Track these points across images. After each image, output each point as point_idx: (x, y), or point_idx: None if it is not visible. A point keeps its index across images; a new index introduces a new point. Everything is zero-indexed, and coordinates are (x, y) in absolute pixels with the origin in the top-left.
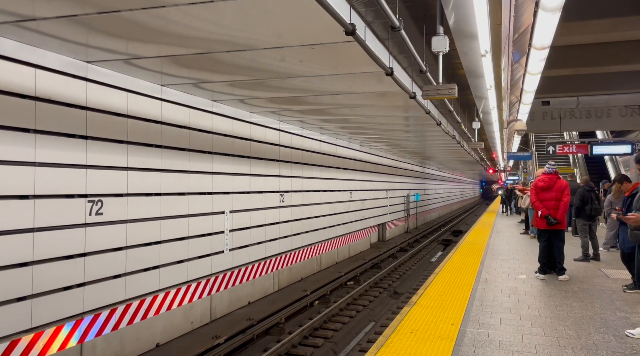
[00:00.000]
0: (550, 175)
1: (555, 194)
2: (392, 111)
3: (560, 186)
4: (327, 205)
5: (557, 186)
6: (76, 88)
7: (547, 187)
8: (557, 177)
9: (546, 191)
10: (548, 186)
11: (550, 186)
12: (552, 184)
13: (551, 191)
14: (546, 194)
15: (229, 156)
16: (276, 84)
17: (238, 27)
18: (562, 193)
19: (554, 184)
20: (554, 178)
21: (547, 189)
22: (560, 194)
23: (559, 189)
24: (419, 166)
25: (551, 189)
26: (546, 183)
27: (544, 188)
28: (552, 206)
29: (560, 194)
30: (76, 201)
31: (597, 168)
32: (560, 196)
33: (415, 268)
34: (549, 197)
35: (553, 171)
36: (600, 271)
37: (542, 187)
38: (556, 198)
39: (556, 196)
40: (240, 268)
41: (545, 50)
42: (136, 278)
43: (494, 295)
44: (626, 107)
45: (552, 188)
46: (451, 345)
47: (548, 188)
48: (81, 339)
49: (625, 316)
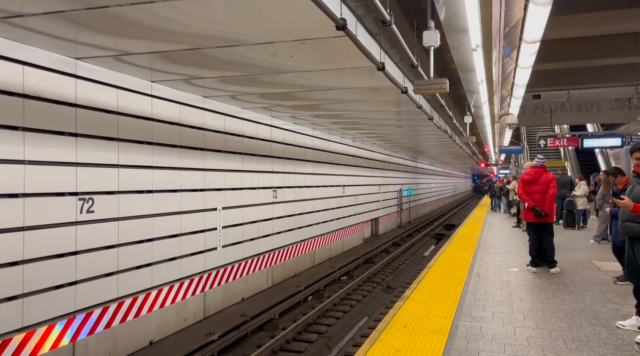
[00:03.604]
0: (537, 168)
1: (541, 187)
2: (384, 106)
3: (546, 178)
4: (320, 201)
5: (542, 178)
6: (65, 85)
7: (533, 180)
8: (543, 170)
9: (532, 184)
10: (533, 179)
11: (535, 179)
12: (538, 177)
13: (537, 184)
14: (532, 187)
15: (221, 152)
16: (267, 79)
17: (228, 22)
18: (548, 185)
19: (539, 177)
20: (540, 171)
21: (533, 182)
22: (546, 187)
23: (544, 182)
24: (412, 161)
25: (537, 182)
26: (532, 176)
27: (529, 181)
28: (539, 199)
29: (546, 186)
30: (67, 199)
31: (588, 161)
32: (546, 188)
33: (409, 262)
34: (535, 190)
35: (540, 164)
36: (591, 264)
37: (527, 180)
38: (542, 190)
39: (542, 189)
40: (233, 265)
41: (536, 44)
42: (128, 275)
43: (487, 289)
44: (616, 100)
45: (537, 180)
46: (444, 338)
47: (534, 181)
48: (73, 338)
49: (616, 307)
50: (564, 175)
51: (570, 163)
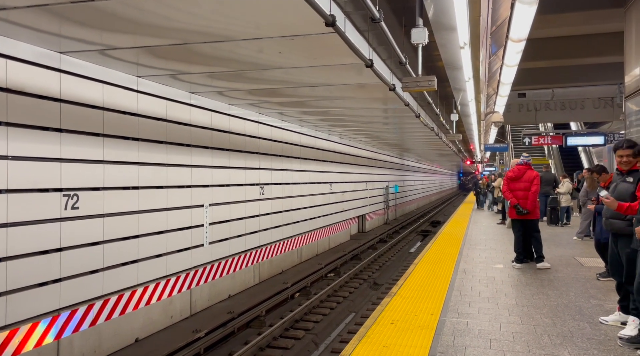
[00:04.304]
0: (521, 166)
1: (524, 184)
2: (371, 103)
3: (529, 176)
4: (307, 197)
5: (526, 176)
6: (49, 80)
7: (517, 177)
8: (527, 167)
9: (516, 181)
10: (517, 177)
11: (519, 176)
12: (522, 175)
13: (520, 181)
14: (516, 184)
15: (208, 148)
16: (255, 75)
17: (215, 17)
18: (531, 183)
19: (522, 174)
20: (524, 168)
21: (517, 180)
22: (529, 184)
23: (527, 180)
24: (398, 158)
25: (520, 179)
26: (516, 174)
27: (513, 178)
28: (522, 196)
29: (529, 184)
30: (51, 196)
31: (571, 159)
32: (529, 186)
33: (395, 259)
34: (518, 187)
35: (525, 162)
36: (575, 260)
37: (511, 177)
38: (525, 188)
39: (525, 186)
40: (220, 262)
41: (522, 42)
42: (114, 272)
43: (472, 285)
44: (599, 99)
45: (521, 178)
46: (431, 334)
47: (517, 178)
48: (58, 335)
49: (599, 303)
50: (548, 173)
51: (554, 161)
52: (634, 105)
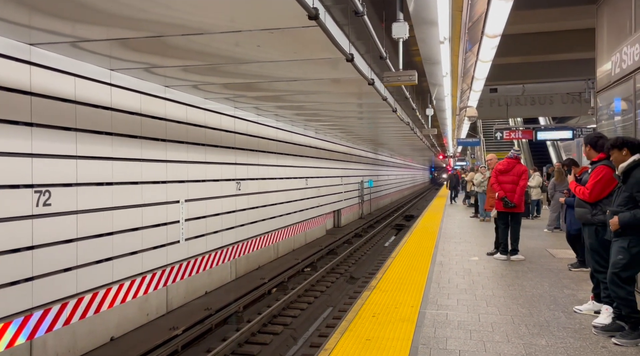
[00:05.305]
0: (511, 159)
1: (512, 178)
2: (348, 97)
3: (518, 170)
4: (284, 193)
5: (515, 170)
6: (19, 72)
7: (506, 170)
8: (517, 161)
9: (505, 174)
10: (507, 170)
11: (509, 169)
12: (511, 168)
13: (509, 175)
14: (504, 177)
15: (183, 143)
16: (231, 69)
17: (190, 10)
18: (520, 177)
19: (512, 168)
20: (514, 162)
21: (506, 173)
22: (517, 178)
23: (516, 173)
24: (373, 153)
25: (509, 172)
26: (505, 167)
27: (503, 170)
28: (509, 189)
29: (518, 178)
30: (22, 192)
31: (540, 153)
32: (518, 180)
33: (370, 253)
34: (507, 180)
35: (514, 156)
36: (546, 251)
37: (501, 170)
38: (513, 181)
39: (513, 180)
40: (196, 258)
41: (497, 38)
42: (88, 270)
43: (450, 277)
44: (568, 94)
45: (510, 171)
46: (412, 326)
47: (507, 171)
48: (30, 335)
49: (572, 293)
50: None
51: (524, 155)
52: (604, 100)
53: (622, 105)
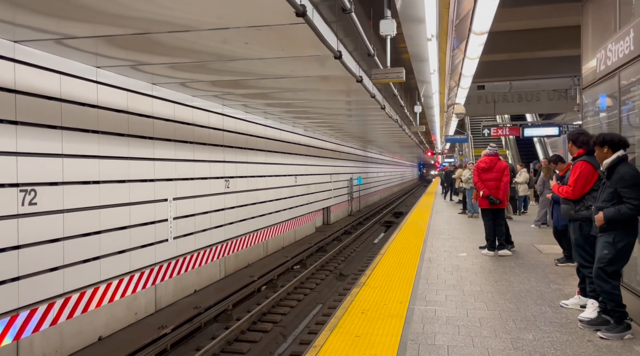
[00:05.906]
0: (491, 156)
1: (495, 175)
2: (336, 95)
3: (500, 167)
4: (273, 190)
5: (497, 167)
6: (3, 70)
7: (488, 168)
8: (497, 158)
9: (487, 172)
10: (489, 167)
11: (491, 167)
12: (493, 165)
13: (492, 172)
14: (487, 174)
15: (171, 141)
16: (218, 66)
17: (177, 6)
18: (502, 173)
19: (494, 165)
20: (495, 159)
21: (488, 170)
22: (500, 174)
23: (499, 170)
24: (361, 150)
25: (492, 170)
26: (487, 164)
27: (485, 168)
28: (493, 186)
29: (501, 174)
30: (7, 191)
31: (527, 150)
32: (501, 176)
33: (360, 249)
34: (490, 177)
35: (494, 152)
36: (534, 247)
37: (483, 168)
38: (496, 178)
39: (496, 177)
40: (185, 256)
41: (484, 35)
42: (75, 270)
43: (438, 273)
44: (554, 91)
45: (492, 168)
46: (401, 322)
47: (489, 169)
48: (17, 336)
49: (559, 288)
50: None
51: (511, 151)
52: (590, 96)
53: (607, 101)
